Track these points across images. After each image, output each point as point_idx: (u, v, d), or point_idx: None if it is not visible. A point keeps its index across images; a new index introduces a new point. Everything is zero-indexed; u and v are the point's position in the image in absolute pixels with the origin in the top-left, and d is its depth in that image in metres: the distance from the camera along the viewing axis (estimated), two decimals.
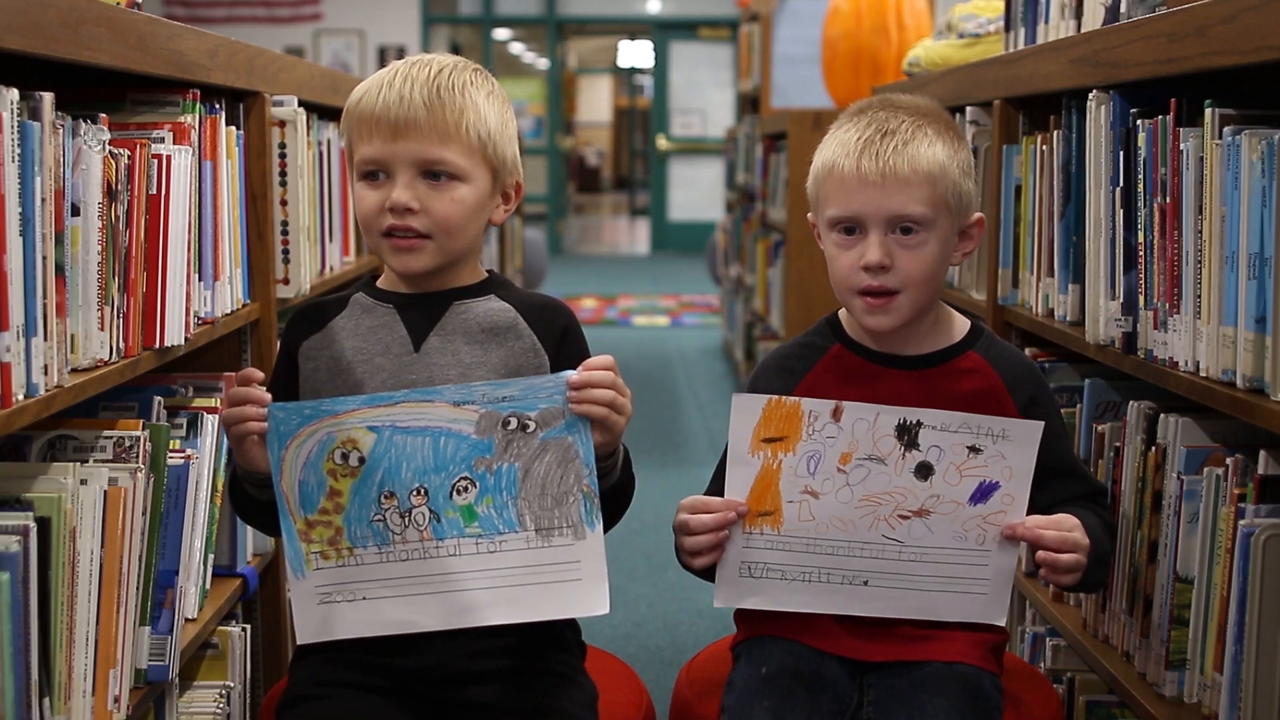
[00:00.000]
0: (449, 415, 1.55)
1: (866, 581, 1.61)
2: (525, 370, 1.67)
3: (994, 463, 1.56)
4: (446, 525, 1.56)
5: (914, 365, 1.70)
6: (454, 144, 1.63)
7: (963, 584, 1.61)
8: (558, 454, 1.56)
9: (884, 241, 1.62)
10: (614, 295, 10.70)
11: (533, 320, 1.70)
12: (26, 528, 1.42)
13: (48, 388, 1.46)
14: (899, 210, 1.62)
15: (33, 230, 1.41)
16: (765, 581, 1.62)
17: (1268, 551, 1.53)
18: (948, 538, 1.59)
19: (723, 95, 14.26)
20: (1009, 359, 1.73)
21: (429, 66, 1.65)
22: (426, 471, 1.55)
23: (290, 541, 1.57)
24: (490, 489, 1.56)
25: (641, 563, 3.95)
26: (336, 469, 1.56)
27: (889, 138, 1.62)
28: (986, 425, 1.56)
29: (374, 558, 1.57)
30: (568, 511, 1.56)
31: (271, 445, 1.55)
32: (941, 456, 1.56)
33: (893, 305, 1.64)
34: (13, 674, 1.38)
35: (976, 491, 1.58)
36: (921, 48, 3.40)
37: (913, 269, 1.63)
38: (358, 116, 1.64)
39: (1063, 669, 2.14)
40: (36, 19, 1.41)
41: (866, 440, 1.55)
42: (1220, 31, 1.51)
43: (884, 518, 1.58)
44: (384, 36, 13.01)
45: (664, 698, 2.14)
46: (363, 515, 1.56)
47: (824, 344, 1.75)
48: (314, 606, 1.57)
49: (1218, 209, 1.55)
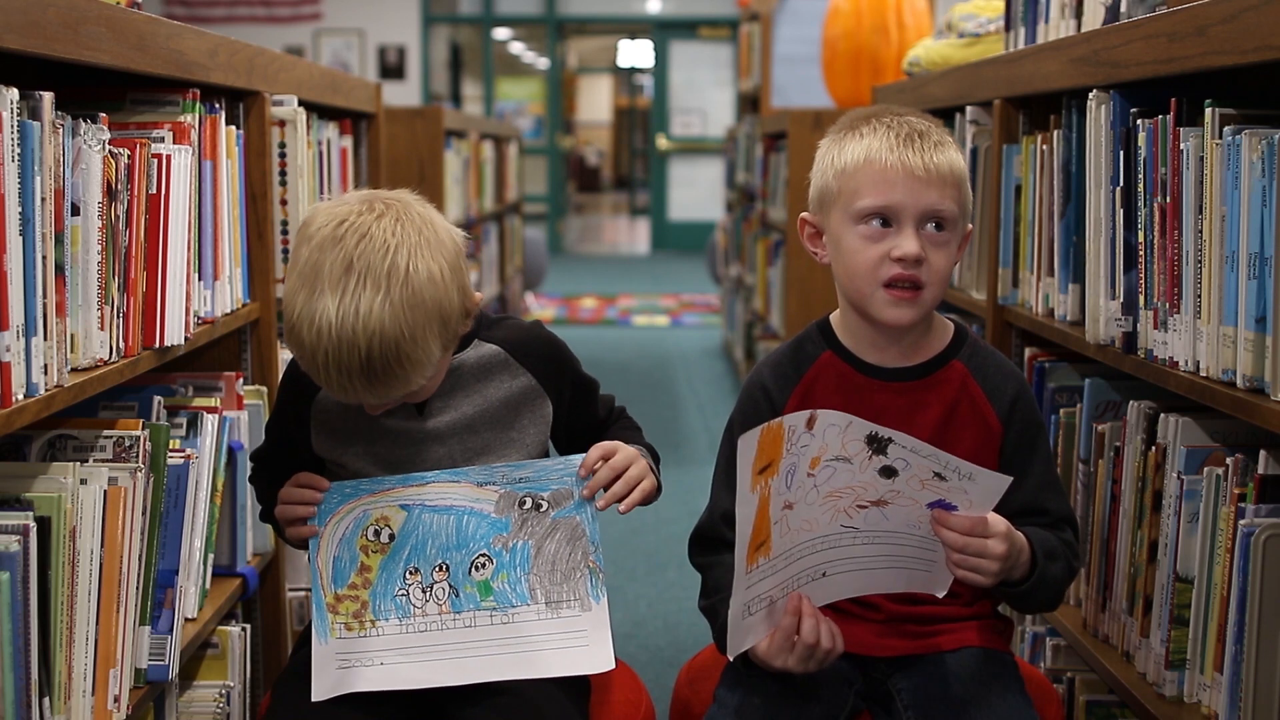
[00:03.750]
0: (472, 495, 1.66)
1: (825, 573, 1.58)
2: (524, 404, 1.75)
3: (956, 493, 1.53)
4: (464, 599, 1.65)
5: (899, 378, 1.70)
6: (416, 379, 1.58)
7: (911, 562, 1.59)
8: (567, 532, 1.66)
9: (918, 235, 1.63)
10: (614, 295, 10.70)
11: (523, 358, 1.76)
12: (26, 527, 1.42)
13: (48, 387, 1.46)
14: (935, 205, 1.62)
15: (33, 230, 1.41)
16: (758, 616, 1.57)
17: (1268, 551, 1.53)
18: (900, 523, 1.56)
19: (723, 95, 14.26)
20: (989, 367, 1.71)
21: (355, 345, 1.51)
22: (449, 548, 1.66)
23: (318, 611, 1.66)
24: (505, 565, 1.66)
25: (641, 563, 3.95)
26: (369, 545, 1.66)
27: (925, 137, 1.64)
28: (955, 464, 1.51)
29: (394, 629, 1.65)
30: (575, 586, 1.66)
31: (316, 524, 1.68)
32: (907, 468, 1.52)
33: (919, 299, 1.64)
34: (13, 674, 1.38)
35: (935, 503, 1.54)
36: (921, 47, 3.40)
37: (940, 265, 1.64)
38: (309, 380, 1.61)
39: (1063, 669, 2.14)
40: (36, 19, 1.41)
41: (836, 444, 1.53)
42: (1220, 31, 1.50)
43: (844, 509, 1.56)
44: (384, 36, 13.02)
45: (664, 698, 2.14)
46: (388, 590, 1.66)
47: (814, 350, 1.74)
48: (332, 670, 1.64)
49: (1218, 209, 1.55)
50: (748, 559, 1.51)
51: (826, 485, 1.54)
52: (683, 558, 1.84)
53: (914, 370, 1.70)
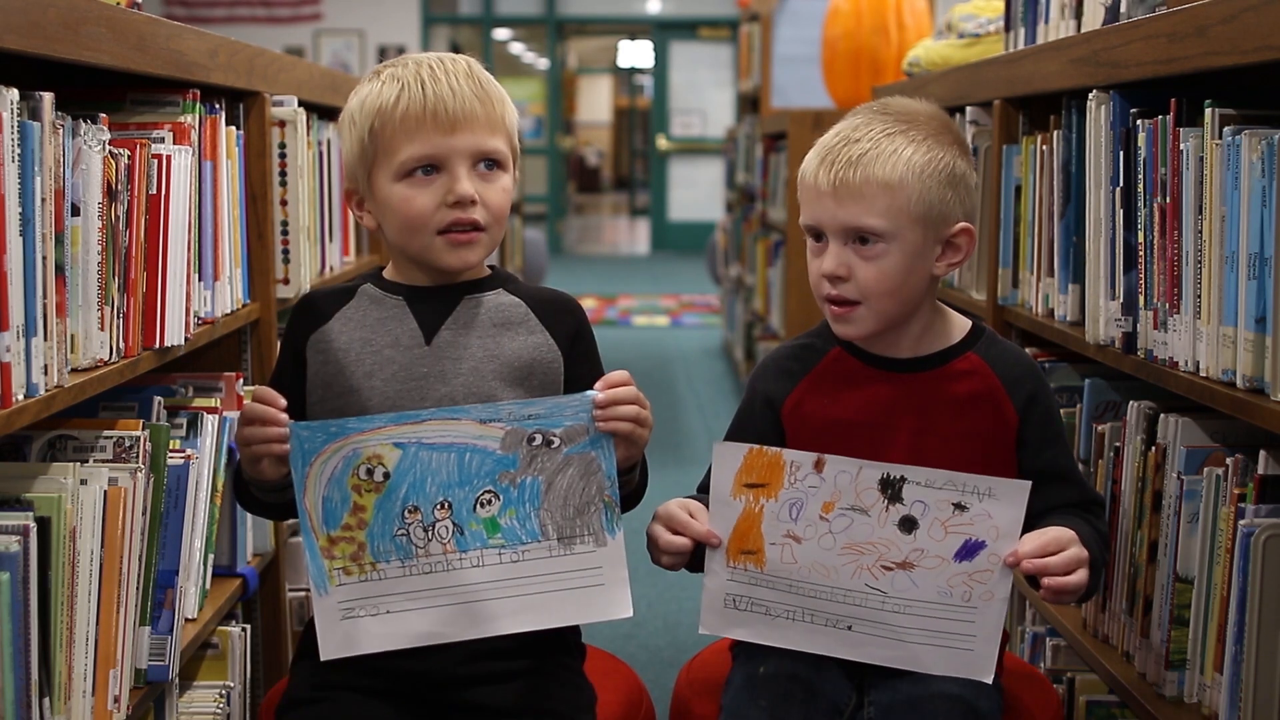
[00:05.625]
0: (475, 432, 1.56)
1: (850, 626, 1.59)
2: (538, 364, 1.68)
3: (980, 521, 1.53)
4: (470, 537, 1.57)
5: (912, 368, 1.69)
6: (500, 133, 1.64)
7: (948, 639, 1.57)
8: (581, 467, 1.58)
9: (841, 251, 1.63)
10: (614, 295, 10.70)
11: (543, 315, 1.71)
12: (26, 528, 1.42)
13: (48, 388, 1.46)
14: (852, 222, 1.61)
15: (33, 230, 1.41)
16: (750, 615, 1.61)
17: (1268, 551, 1.53)
18: (932, 593, 1.56)
19: (723, 95, 14.26)
20: (1007, 358, 1.71)
21: (454, 61, 1.65)
22: (451, 486, 1.56)
23: (313, 559, 1.57)
24: (513, 501, 1.57)
25: (641, 563, 3.93)
26: (361, 484, 1.56)
27: (850, 146, 1.62)
28: (973, 484, 1.53)
29: (397, 571, 1.56)
30: (589, 520, 1.58)
31: (295, 463, 1.55)
32: (926, 512, 1.53)
33: (854, 315, 1.64)
34: (13, 674, 1.38)
35: (962, 549, 1.54)
36: (921, 48, 3.40)
37: (870, 280, 1.62)
38: (401, 115, 1.60)
39: (1063, 669, 2.14)
40: (36, 19, 1.41)
41: (849, 492, 1.55)
42: (1220, 31, 1.50)
43: (867, 567, 1.56)
44: (384, 36, 13.01)
45: (664, 698, 2.14)
46: (386, 530, 1.56)
47: (824, 346, 1.74)
48: (337, 623, 1.57)
49: (1218, 209, 1.55)
50: (729, 555, 1.58)
51: (844, 535, 1.56)
52: None
53: (928, 360, 1.70)
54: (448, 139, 1.60)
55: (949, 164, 1.64)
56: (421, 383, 1.65)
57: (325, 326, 1.69)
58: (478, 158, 1.62)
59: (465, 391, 1.64)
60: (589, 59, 23.79)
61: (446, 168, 1.61)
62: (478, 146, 1.62)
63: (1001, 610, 1.58)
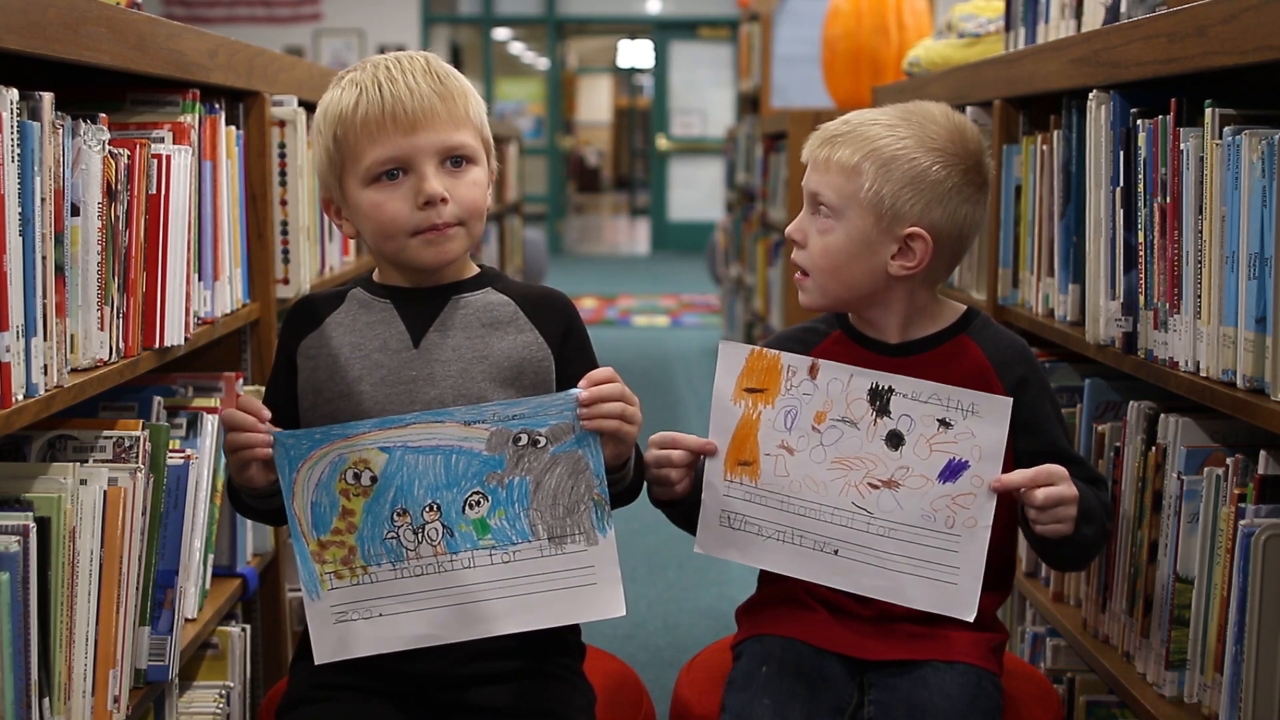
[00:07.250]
0: (460, 434, 1.56)
1: (837, 551, 1.64)
2: (528, 363, 1.67)
3: (964, 439, 1.59)
4: (460, 539, 1.57)
5: (906, 351, 1.74)
6: (465, 127, 1.63)
7: (931, 569, 1.61)
8: (568, 466, 1.57)
9: (805, 218, 1.73)
10: (614, 295, 10.70)
11: (533, 313, 1.69)
12: (26, 528, 1.42)
13: (47, 388, 1.46)
14: (811, 188, 1.72)
15: (33, 230, 1.41)
16: (743, 534, 1.67)
17: (1268, 551, 1.53)
18: (916, 515, 1.61)
19: (723, 95, 14.26)
20: (999, 342, 1.74)
21: (410, 59, 1.64)
22: (439, 488, 1.57)
23: (304, 564, 1.57)
24: (502, 502, 1.57)
25: (641, 563, 3.95)
26: (349, 489, 1.57)
27: (839, 127, 1.72)
28: (956, 398, 1.59)
29: (388, 574, 1.57)
30: (579, 519, 1.58)
31: (281, 469, 1.56)
32: (912, 427, 1.60)
33: (805, 284, 1.75)
34: (13, 674, 1.38)
35: (945, 469, 1.59)
36: (921, 48, 3.40)
37: (815, 251, 1.72)
38: (361, 119, 1.59)
39: (1063, 669, 2.14)
40: (36, 19, 1.41)
41: (840, 401, 1.62)
42: (1220, 31, 1.51)
43: (854, 484, 1.62)
44: (384, 36, 13.01)
45: (664, 698, 2.14)
46: (376, 533, 1.57)
47: (826, 329, 1.80)
48: (330, 626, 1.57)
49: (1218, 209, 1.55)
50: (726, 467, 1.66)
51: (834, 449, 1.62)
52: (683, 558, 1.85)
53: (922, 343, 1.74)
54: (410, 139, 1.60)
55: (921, 166, 1.66)
56: (410, 386, 1.64)
57: (316, 331, 1.69)
58: (444, 155, 1.61)
59: (454, 393, 1.64)
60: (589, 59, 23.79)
61: (413, 168, 1.60)
62: (442, 143, 1.61)
63: (984, 542, 1.60)
